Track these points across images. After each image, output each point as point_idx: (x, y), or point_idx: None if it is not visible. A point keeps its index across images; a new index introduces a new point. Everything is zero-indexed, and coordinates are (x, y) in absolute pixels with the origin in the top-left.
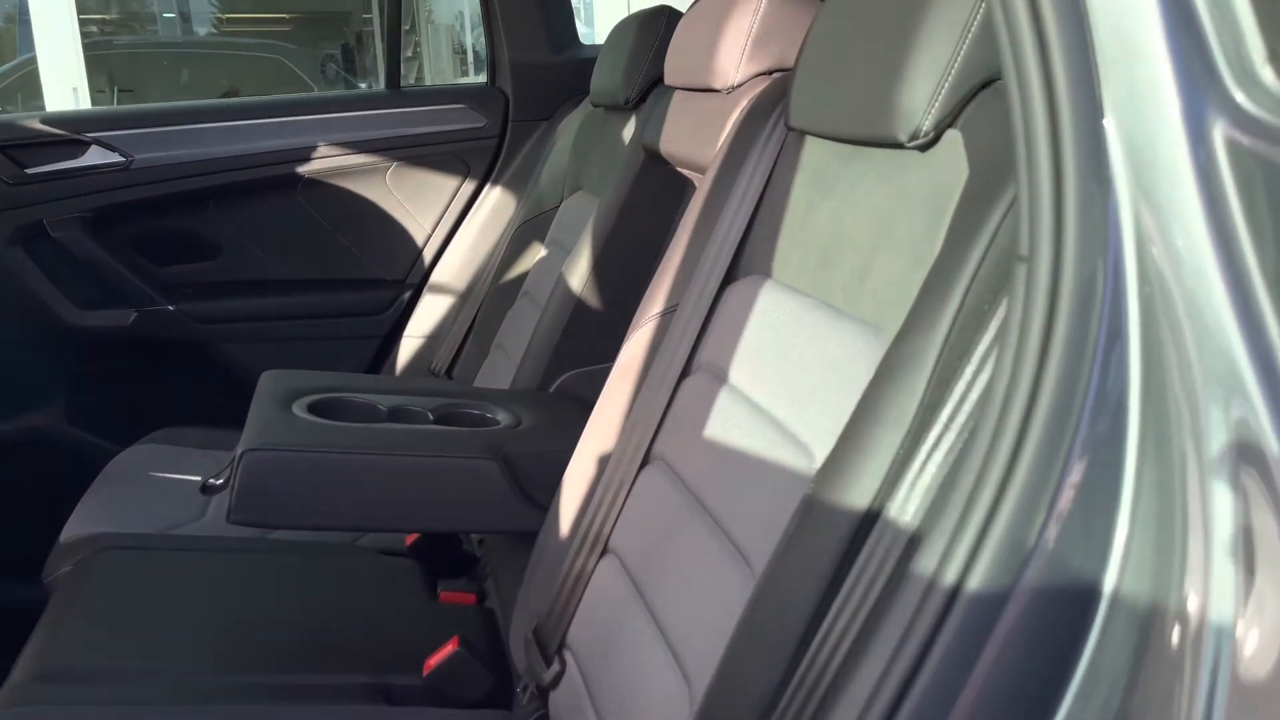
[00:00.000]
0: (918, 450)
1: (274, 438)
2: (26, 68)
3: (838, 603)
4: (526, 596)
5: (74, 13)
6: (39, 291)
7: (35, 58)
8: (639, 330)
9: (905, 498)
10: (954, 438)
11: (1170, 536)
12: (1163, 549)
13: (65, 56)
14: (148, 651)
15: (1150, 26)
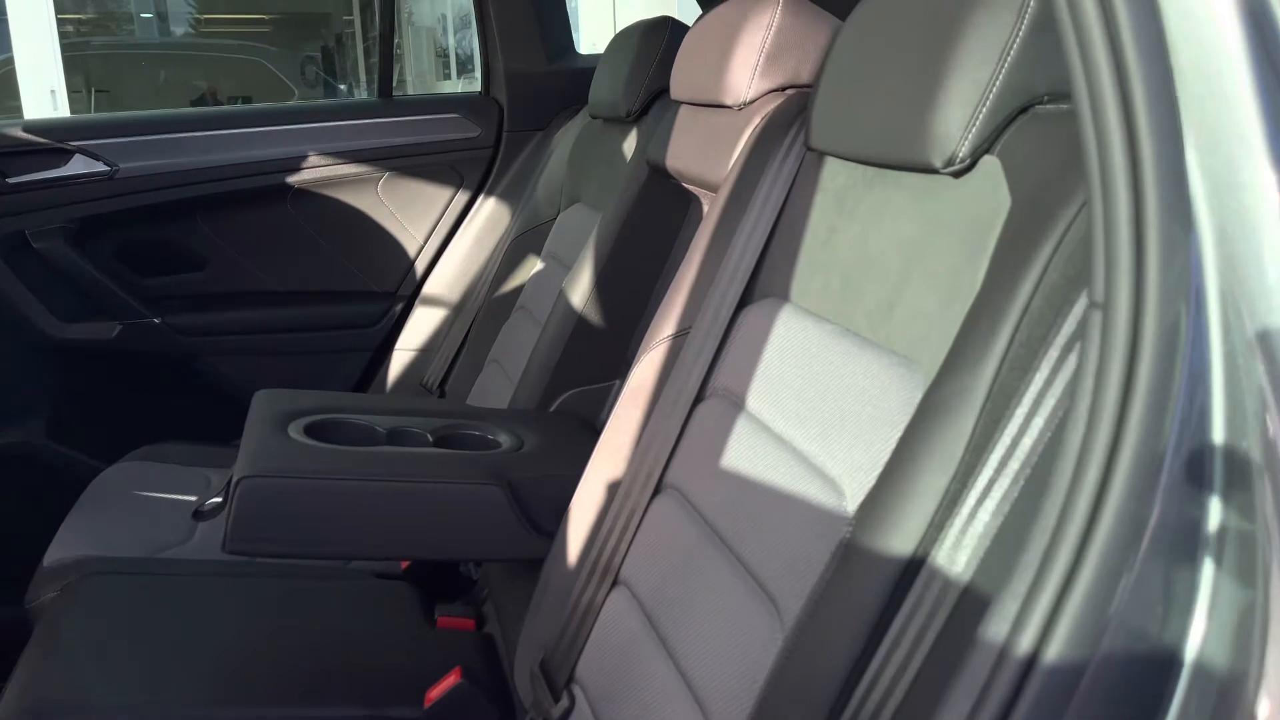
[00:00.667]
0: (966, 494)
1: (272, 463)
2: (2, 69)
3: (880, 656)
4: (532, 627)
5: (52, 13)
6: (20, 304)
7: (11, 58)
8: (649, 353)
9: (955, 544)
10: (1008, 483)
11: (1252, 595)
12: (1245, 610)
13: (43, 57)
14: (138, 686)
15: (1236, 61)
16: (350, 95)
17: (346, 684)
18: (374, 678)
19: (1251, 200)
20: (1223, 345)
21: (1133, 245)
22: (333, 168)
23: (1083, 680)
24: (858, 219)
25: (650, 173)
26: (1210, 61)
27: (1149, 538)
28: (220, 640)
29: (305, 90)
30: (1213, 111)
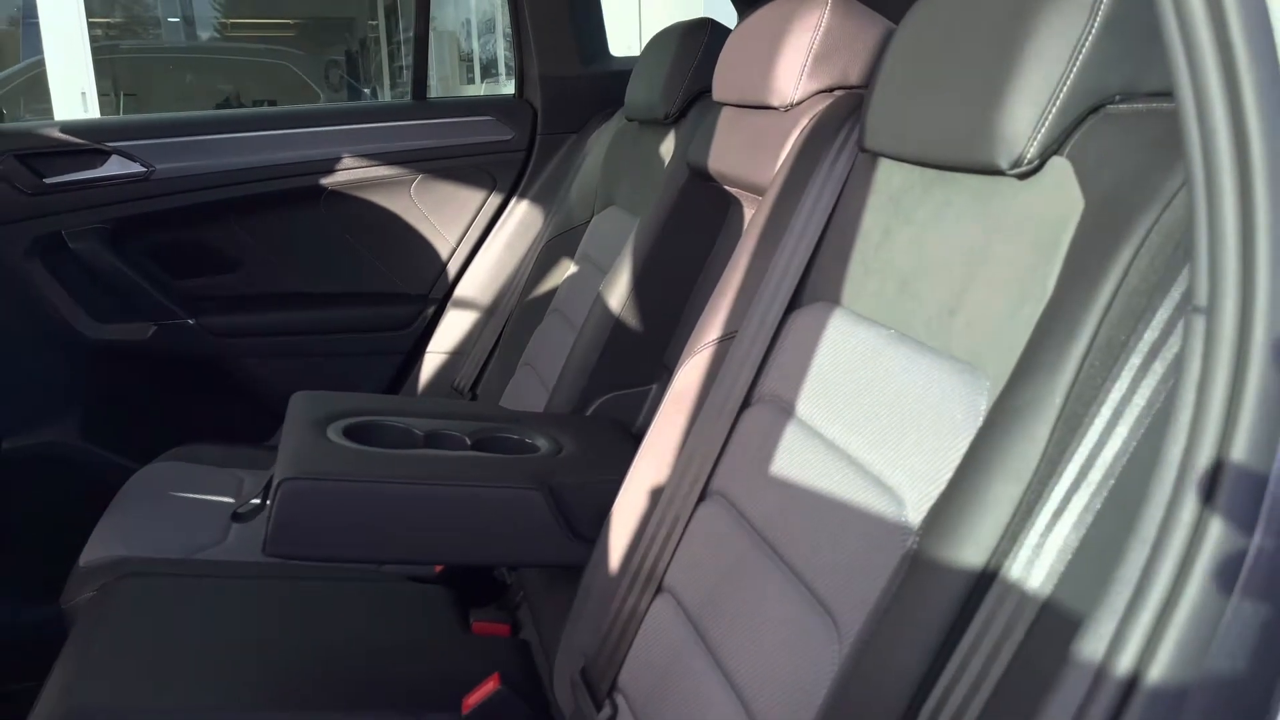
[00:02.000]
0: (1042, 505)
1: (313, 466)
2: (32, 71)
3: (949, 674)
4: (573, 634)
5: (83, 16)
6: (56, 304)
7: (42, 61)
8: (694, 357)
9: (1031, 558)
10: (1089, 494)
11: None
12: None
13: (74, 60)
14: (175, 690)
15: None
16: (374, 98)
17: (384, 689)
18: (410, 683)
19: None
20: None
21: (1240, 246)
22: (366, 170)
23: (1186, 705)
24: (915, 222)
25: (690, 175)
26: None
27: (1251, 555)
28: (256, 643)
29: (330, 93)
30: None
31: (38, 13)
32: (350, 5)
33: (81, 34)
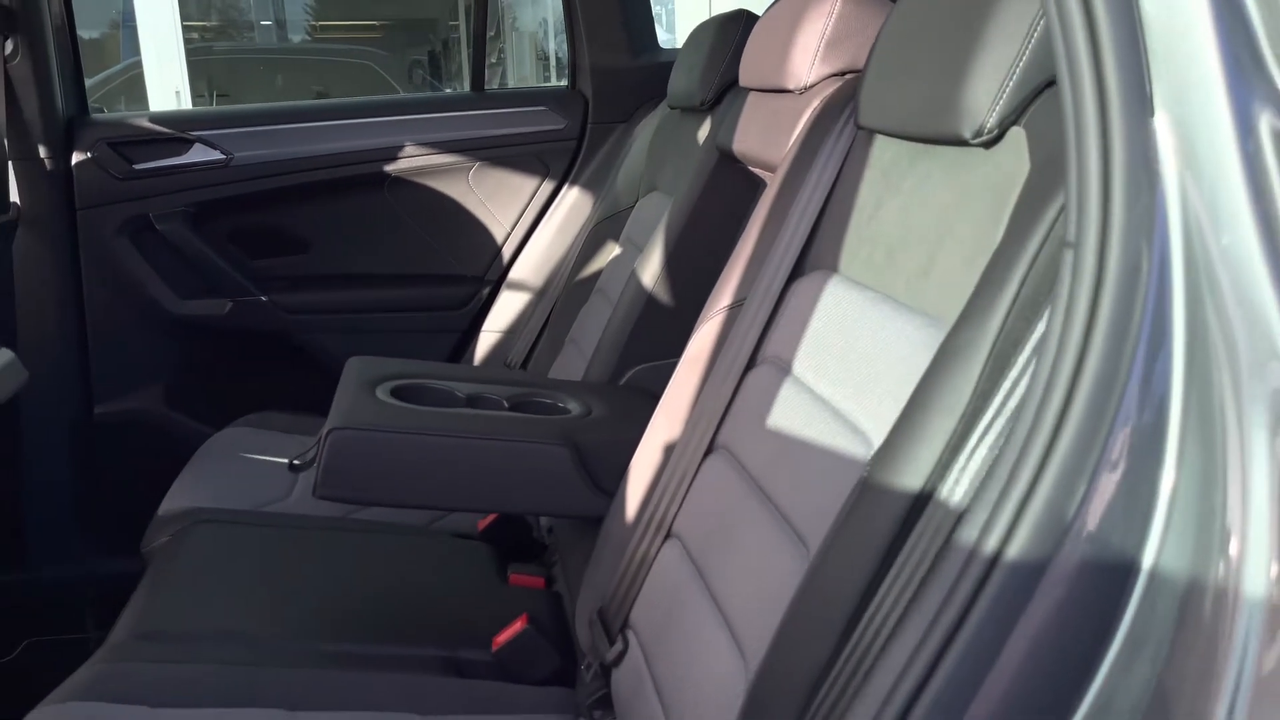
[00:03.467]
0: (970, 435)
1: (359, 418)
2: (131, 71)
3: (888, 580)
4: (592, 578)
5: (178, 19)
6: (144, 281)
7: (140, 61)
8: (707, 323)
9: (956, 480)
10: (1005, 422)
11: (1211, 512)
12: (1204, 525)
13: (169, 61)
14: (236, 617)
15: (1200, 23)
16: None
17: (423, 627)
18: (449, 624)
19: (1215, 150)
20: (1185, 283)
21: (1101, 189)
22: (427, 157)
23: (1043, 581)
24: (902, 192)
25: (720, 158)
26: (1178, 25)
27: (1109, 451)
28: (311, 584)
29: (411, 92)
30: (1179, 70)
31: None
32: (434, 6)
33: (176, 36)
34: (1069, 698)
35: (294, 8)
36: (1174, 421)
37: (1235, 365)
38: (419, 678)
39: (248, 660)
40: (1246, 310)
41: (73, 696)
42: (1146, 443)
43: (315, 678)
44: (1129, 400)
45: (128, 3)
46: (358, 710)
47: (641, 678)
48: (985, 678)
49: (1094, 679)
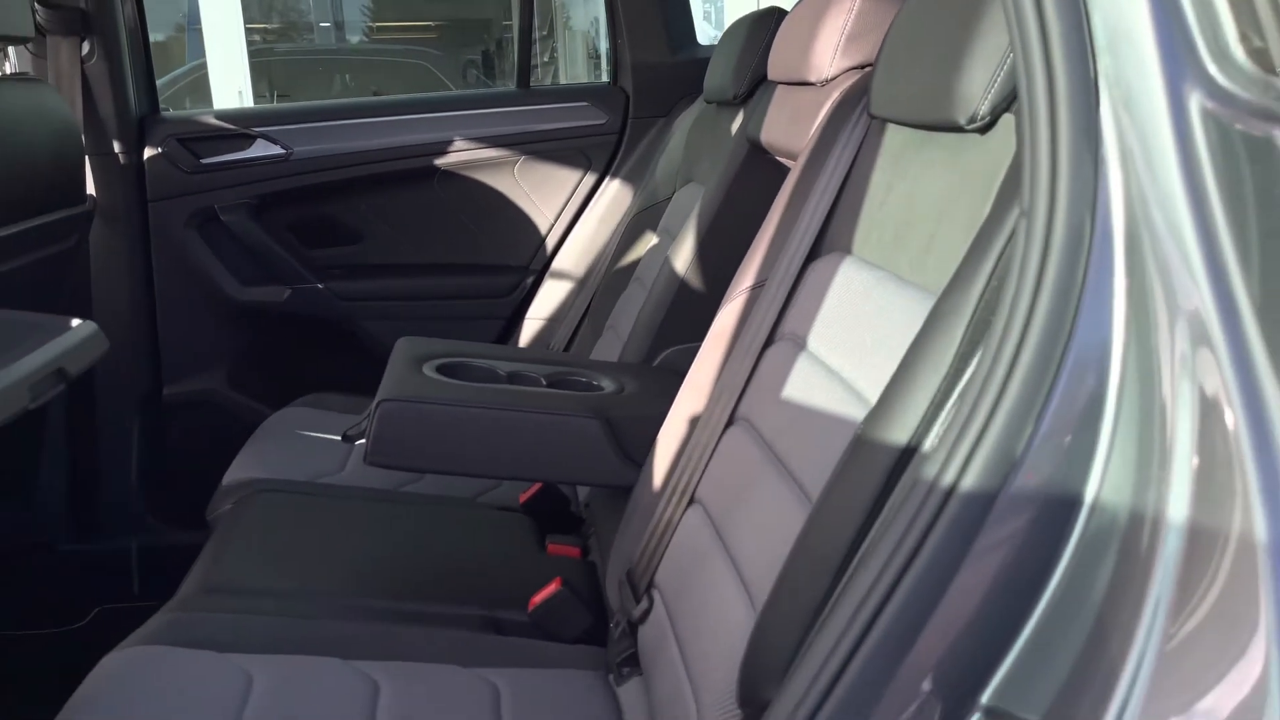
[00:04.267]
0: (952, 392)
1: (406, 391)
2: (197, 72)
3: (878, 524)
4: (621, 543)
5: (241, 22)
6: (209, 269)
7: (205, 63)
8: (730, 303)
9: (938, 435)
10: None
11: (1148, 451)
12: (1141, 463)
13: (232, 62)
14: (294, 576)
15: (1140, 13)
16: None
17: (466, 589)
18: (489, 586)
19: (1151, 127)
20: (1125, 242)
21: (1049, 164)
22: (474, 152)
23: (992, 512)
24: (909, 177)
25: (750, 148)
26: (1120, 16)
27: (1054, 396)
28: (363, 548)
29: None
30: (1121, 56)
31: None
32: (488, 6)
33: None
34: (1015, 622)
35: (352, 9)
36: (1114, 371)
37: (1171, 321)
38: (461, 633)
39: (305, 614)
40: (1178, 273)
41: (146, 641)
42: (1089, 389)
43: (366, 630)
44: (1073, 351)
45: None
46: (404, 660)
47: (664, 632)
48: (939, 602)
49: (1037, 605)
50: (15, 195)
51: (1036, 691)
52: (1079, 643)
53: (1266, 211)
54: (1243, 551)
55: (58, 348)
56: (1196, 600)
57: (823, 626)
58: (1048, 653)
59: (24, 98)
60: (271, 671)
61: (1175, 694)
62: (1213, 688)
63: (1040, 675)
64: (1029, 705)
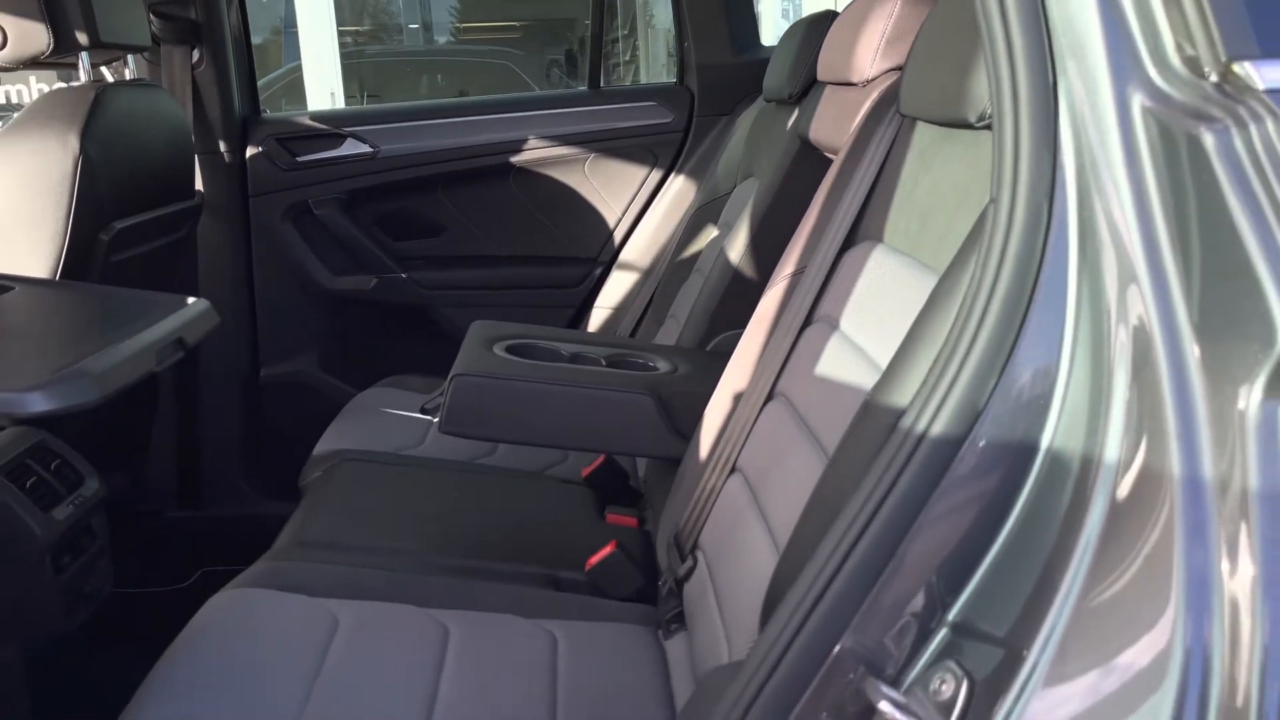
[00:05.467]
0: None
1: (477, 367)
2: (291, 75)
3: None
4: (670, 509)
5: (334, 27)
6: (303, 260)
7: (299, 66)
8: (773, 288)
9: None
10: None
11: (1097, 403)
12: (1091, 415)
13: (325, 65)
14: (376, 534)
15: (1092, 27)
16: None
17: (528, 550)
18: (550, 548)
19: (1101, 123)
20: (1078, 221)
21: (1013, 158)
22: (548, 150)
23: (957, 457)
24: (933, 171)
25: (801, 145)
26: (1076, 29)
27: (1015, 356)
28: (438, 512)
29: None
30: (1076, 63)
31: (297, 23)
32: (572, 6)
33: (332, 42)
34: (978, 551)
35: (439, 11)
36: (1068, 335)
37: (1118, 290)
38: (523, 588)
39: (384, 566)
40: (1122, 249)
41: (247, 584)
42: (1045, 352)
43: (439, 583)
44: (1031, 319)
45: (288, 11)
46: (473, 610)
47: (705, 588)
48: (907, 532)
49: (998, 537)
50: (136, 190)
51: (996, 610)
52: (1036, 569)
53: (1196, 195)
54: (1160, 483)
55: (178, 320)
56: (1123, 525)
57: (814, 554)
58: (1007, 578)
59: (143, 101)
60: (354, 615)
61: (1100, 595)
62: (1127, 597)
63: (1000, 596)
64: (990, 621)
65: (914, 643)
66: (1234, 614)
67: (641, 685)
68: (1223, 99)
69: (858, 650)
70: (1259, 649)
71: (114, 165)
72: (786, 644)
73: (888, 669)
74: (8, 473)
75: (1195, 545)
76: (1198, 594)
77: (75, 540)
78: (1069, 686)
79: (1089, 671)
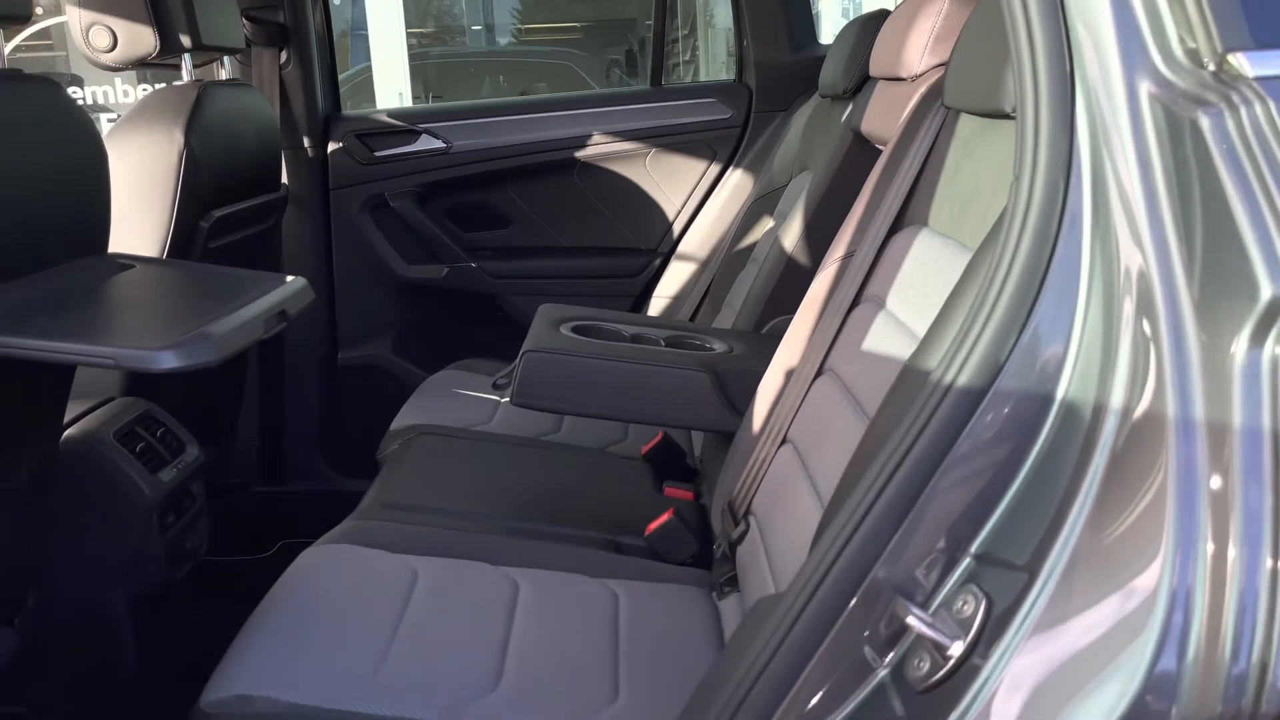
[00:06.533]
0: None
1: (546, 344)
2: (361, 75)
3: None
4: (725, 478)
5: (404, 29)
6: (379, 250)
7: (368, 67)
8: (824, 271)
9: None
10: None
11: (1108, 353)
12: (1104, 366)
13: (395, 66)
14: (450, 499)
15: (1105, 23)
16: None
17: (592, 517)
18: (612, 516)
19: (1112, 107)
20: (1092, 195)
21: (1034, 139)
22: (610, 145)
23: (980, 406)
24: (974, 158)
25: (853, 137)
26: (1091, 24)
27: (1034, 313)
28: (508, 481)
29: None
30: (1090, 54)
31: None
32: (632, 7)
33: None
34: (998, 490)
35: (501, 12)
36: (1081, 296)
37: (1126, 255)
38: (587, 550)
39: (459, 528)
40: (1130, 218)
41: (335, 541)
42: (1060, 311)
43: (510, 544)
44: (1049, 282)
45: (357, 13)
46: (540, 568)
47: (757, 550)
48: (934, 473)
49: (1016, 478)
50: (231, 182)
51: (1014, 541)
52: (1050, 507)
53: (1195, 171)
54: (1159, 426)
55: (281, 294)
56: (1125, 467)
57: (849, 495)
58: (1023, 515)
59: (238, 100)
60: (432, 570)
61: (1103, 529)
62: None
63: (1017, 531)
64: (1009, 550)
65: (941, 571)
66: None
67: (696, 637)
68: (1219, 86)
69: (890, 579)
70: (1236, 592)
71: (213, 159)
72: (824, 573)
73: (917, 595)
74: (120, 438)
75: (1186, 480)
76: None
77: (178, 501)
78: (1072, 606)
79: (1091, 595)
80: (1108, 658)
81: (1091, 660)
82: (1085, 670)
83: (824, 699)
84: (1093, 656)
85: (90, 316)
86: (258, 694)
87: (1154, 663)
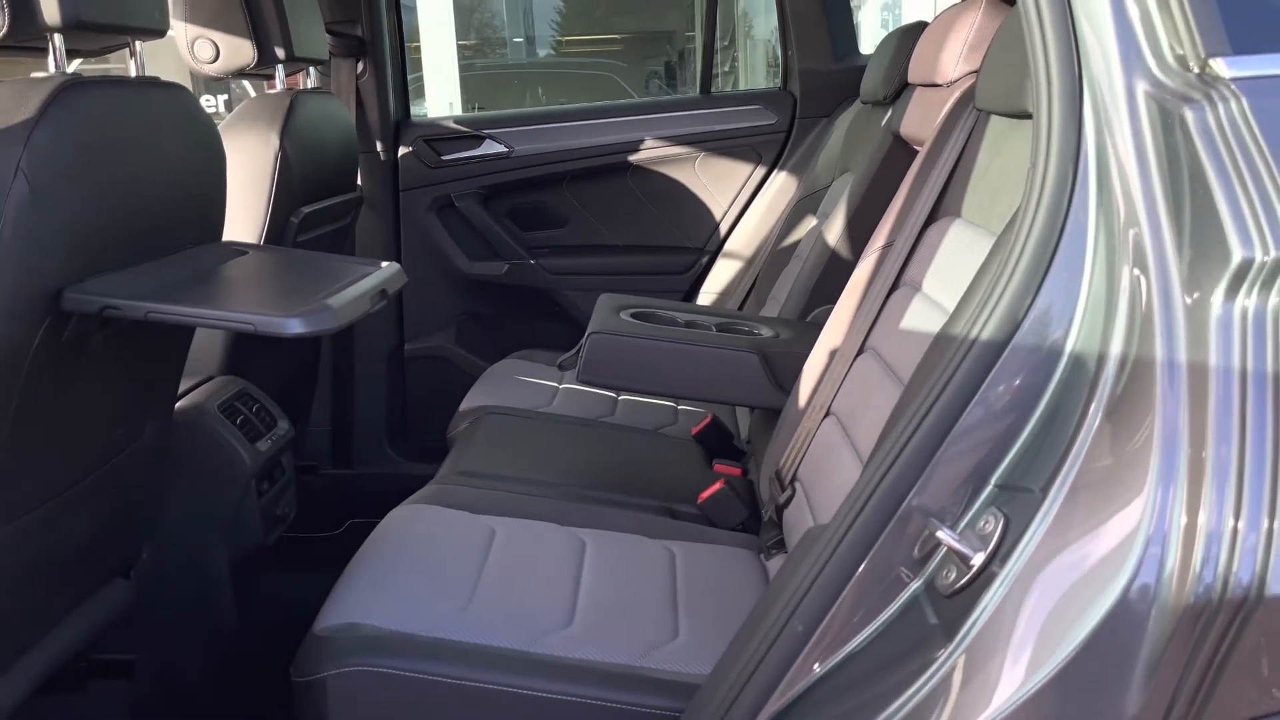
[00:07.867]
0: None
1: (610, 327)
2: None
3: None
4: (773, 448)
5: (455, 41)
6: (444, 247)
7: (420, 78)
8: (865, 260)
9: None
10: None
11: (1109, 313)
12: (1106, 322)
13: (446, 77)
14: (520, 468)
15: (1108, 33)
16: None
17: (648, 488)
18: (666, 487)
19: (1114, 105)
20: (1096, 178)
21: (1047, 131)
22: (661, 149)
23: (999, 360)
24: (1003, 155)
25: (893, 140)
26: (1097, 30)
27: (1048, 279)
28: (570, 456)
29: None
30: (1096, 58)
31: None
32: (671, 19)
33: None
34: (1015, 430)
35: (542, 25)
36: (1087, 263)
37: (1124, 229)
38: (646, 516)
39: (530, 493)
40: (1129, 197)
41: (420, 501)
42: (1069, 276)
43: (576, 508)
44: (1060, 251)
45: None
46: (604, 529)
47: (803, 512)
48: (959, 416)
49: (1030, 420)
50: (317, 183)
51: (1031, 473)
52: (1061, 441)
53: (1183, 157)
54: (1149, 370)
55: (381, 275)
56: (1121, 405)
57: (886, 437)
58: (1037, 448)
59: (322, 107)
60: (508, 529)
61: (1103, 459)
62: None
63: (1033, 461)
64: (1026, 479)
65: (968, 498)
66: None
67: (746, 588)
68: (1202, 86)
69: (924, 506)
70: (1209, 509)
71: (302, 160)
72: (865, 501)
73: (946, 520)
74: (223, 410)
75: (1170, 416)
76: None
77: (270, 470)
78: (1075, 522)
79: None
80: (1101, 563)
81: (1087, 565)
82: (1081, 573)
83: (866, 609)
84: (1088, 562)
85: (225, 291)
86: (365, 622)
87: (1139, 566)
